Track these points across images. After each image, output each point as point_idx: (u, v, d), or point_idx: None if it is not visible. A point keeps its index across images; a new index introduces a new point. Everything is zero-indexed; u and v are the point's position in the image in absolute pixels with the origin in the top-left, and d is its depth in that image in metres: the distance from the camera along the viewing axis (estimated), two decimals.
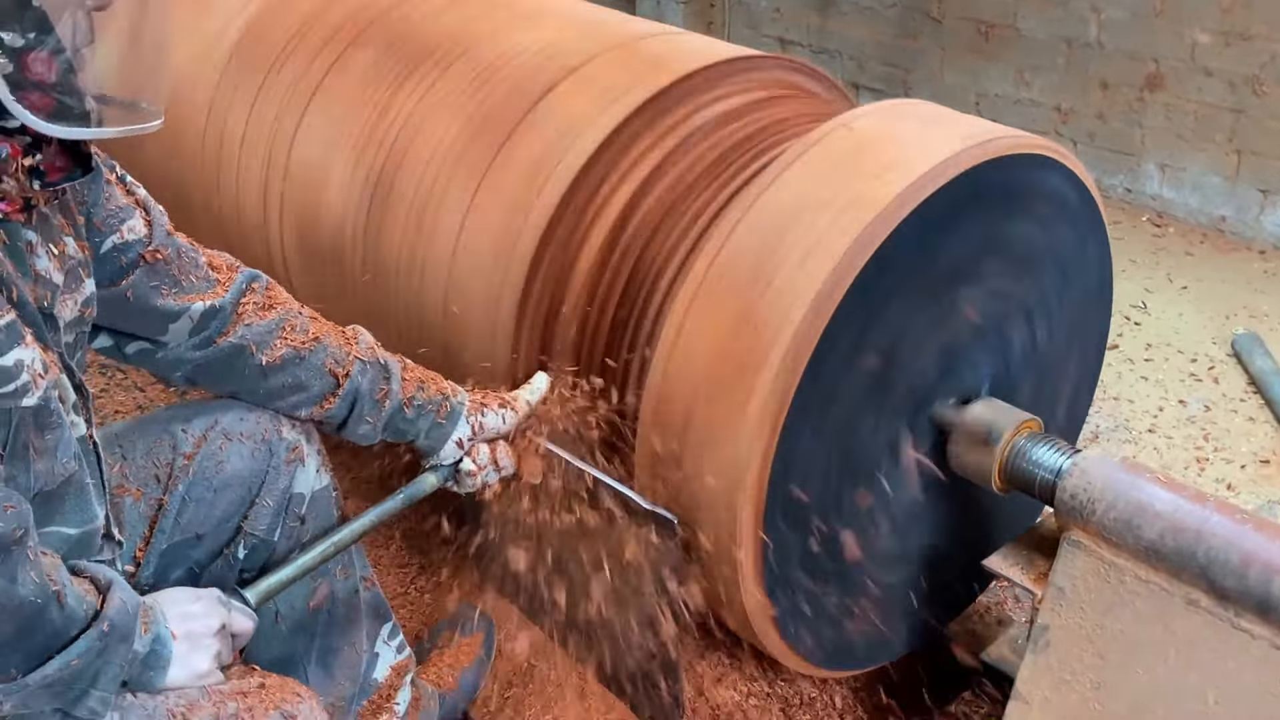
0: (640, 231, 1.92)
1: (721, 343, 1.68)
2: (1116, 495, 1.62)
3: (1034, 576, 1.75)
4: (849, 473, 1.80)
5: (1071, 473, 1.68)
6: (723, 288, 1.71)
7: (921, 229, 1.67)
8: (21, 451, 1.29)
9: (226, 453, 1.65)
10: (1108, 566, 1.64)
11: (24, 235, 1.31)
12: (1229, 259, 3.88)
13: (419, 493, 1.76)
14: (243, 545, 1.67)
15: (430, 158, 2.09)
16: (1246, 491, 2.82)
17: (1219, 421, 3.09)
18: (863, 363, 1.71)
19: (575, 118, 1.97)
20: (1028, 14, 4.30)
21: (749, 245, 1.71)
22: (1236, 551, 1.52)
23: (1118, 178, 4.23)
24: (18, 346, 1.24)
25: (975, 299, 1.84)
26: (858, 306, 1.64)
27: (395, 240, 2.12)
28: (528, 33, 2.20)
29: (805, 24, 5.13)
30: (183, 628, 1.39)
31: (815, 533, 1.79)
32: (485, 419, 1.78)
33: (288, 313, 1.68)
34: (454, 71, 2.16)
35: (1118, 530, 1.61)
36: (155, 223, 1.56)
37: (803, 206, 1.69)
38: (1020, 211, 1.86)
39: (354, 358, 1.70)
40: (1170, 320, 3.55)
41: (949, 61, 4.63)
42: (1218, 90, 3.86)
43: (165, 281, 1.56)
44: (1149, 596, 1.60)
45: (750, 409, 1.63)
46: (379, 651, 1.86)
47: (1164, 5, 3.90)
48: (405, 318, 2.14)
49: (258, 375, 1.65)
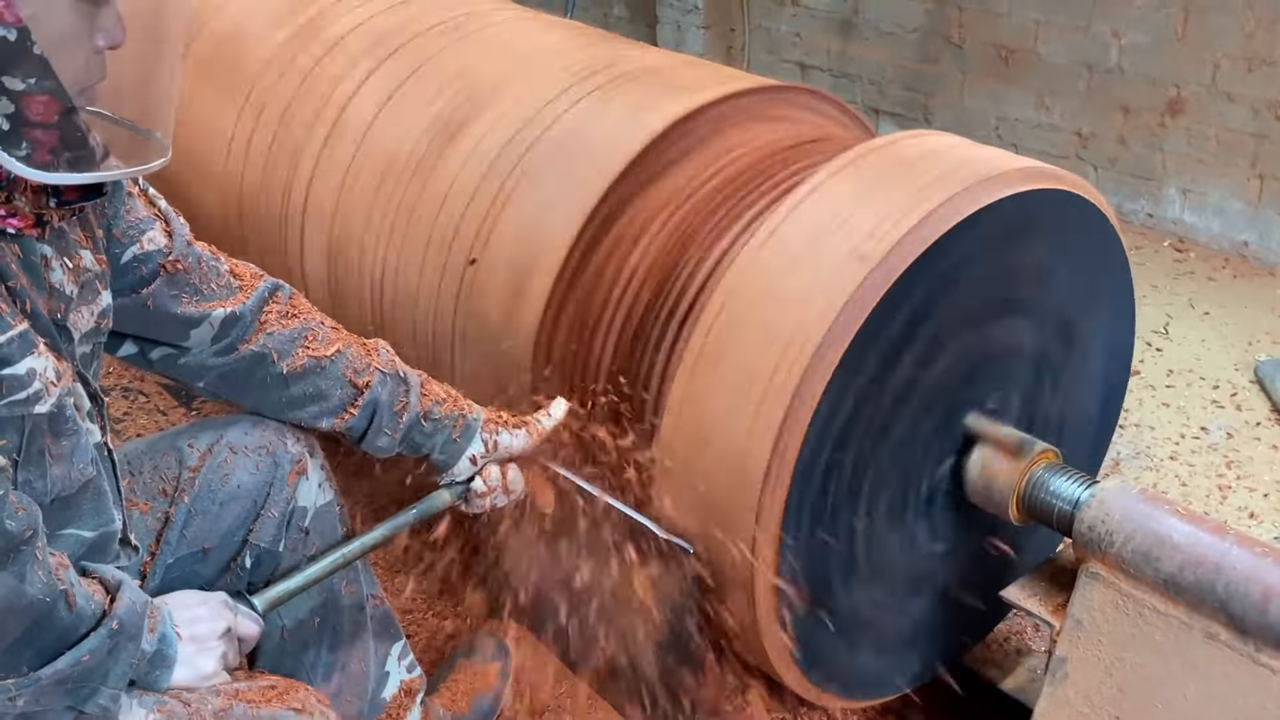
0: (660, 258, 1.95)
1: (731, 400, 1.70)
2: (1135, 527, 1.61)
3: (1052, 608, 1.74)
4: (870, 505, 1.81)
5: (1090, 504, 1.67)
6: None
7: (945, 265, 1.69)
8: (37, 457, 1.33)
9: (231, 465, 1.68)
10: (1126, 599, 1.63)
11: (39, 249, 1.35)
12: (1251, 284, 3.86)
13: (432, 509, 1.77)
14: (249, 556, 1.69)
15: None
16: (1269, 520, 2.80)
17: (1241, 449, 3.07)
18: (887, 389, 1.72)
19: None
20: (1049, 38, 4.30)
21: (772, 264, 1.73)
22: (1257, 585, 1.50)
23: (1139, 203, 4.22)
24: (30, 355, 1.28)
25: (996, 333, 1.85)
26: (880, 337, 1.65)
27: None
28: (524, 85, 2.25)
29: (826, 49, 5.15)
30: (189, 630, 1.42)
31: (834, 570, 1.79)
32: (500, 437, 1.79)
33: (310, 322, 1.70)
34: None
35: (1136, 562, 1.60)
36: (175, 233, 1.60)
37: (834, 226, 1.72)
38: (1041, 244, 1.87)
39: (374, 369, 1.72)
40: (1192, 346, 3.53)
41: (970, 86, 4.63)
42: (1240, 116, 3.85)
43: (186, 290, 1.60)
44: (1168, 629, 1.59)
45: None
46: (388, 670, 1.87)
47: (1186, 30, 3.89)
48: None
49: (279, 384, 1.68)
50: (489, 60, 2.28)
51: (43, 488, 1.34)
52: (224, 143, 2.60)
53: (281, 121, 2.47)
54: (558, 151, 2.02)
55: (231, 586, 1.69)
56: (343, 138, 2.34)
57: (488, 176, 2.07)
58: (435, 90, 2.25)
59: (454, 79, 2.25)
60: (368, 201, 2.25)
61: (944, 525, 1.93)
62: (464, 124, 2.16)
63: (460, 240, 2.07)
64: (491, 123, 2.12)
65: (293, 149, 2.43)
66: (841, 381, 1.63)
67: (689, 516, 1.77)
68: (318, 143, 2.38)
